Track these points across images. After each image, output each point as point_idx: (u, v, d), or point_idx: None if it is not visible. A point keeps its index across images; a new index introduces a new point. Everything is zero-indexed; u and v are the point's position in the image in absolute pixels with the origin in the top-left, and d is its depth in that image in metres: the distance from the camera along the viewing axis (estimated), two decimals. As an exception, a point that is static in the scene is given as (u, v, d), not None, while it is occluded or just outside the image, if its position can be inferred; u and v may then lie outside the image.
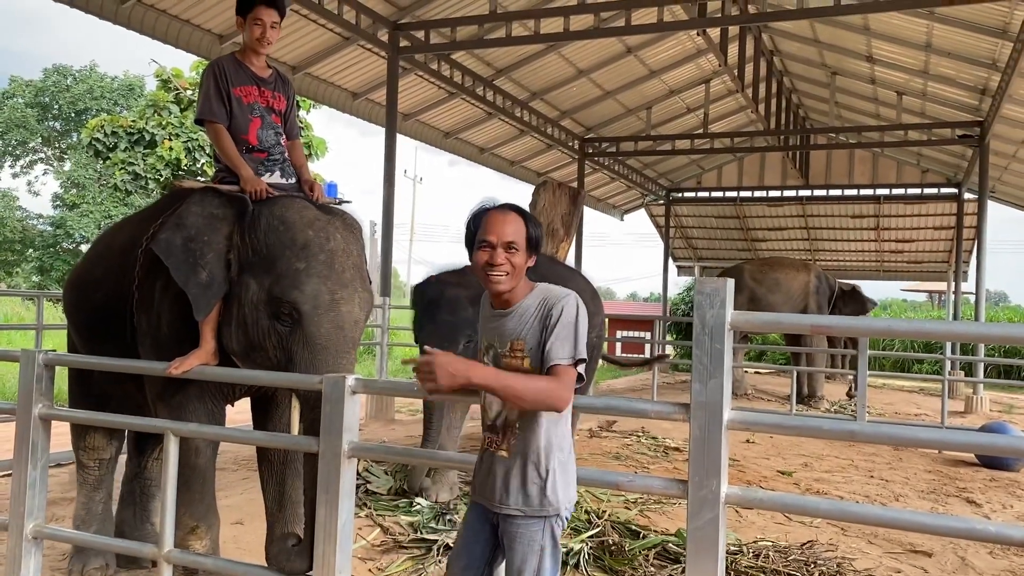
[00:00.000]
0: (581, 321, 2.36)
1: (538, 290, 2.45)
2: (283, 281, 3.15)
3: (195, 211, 3.32)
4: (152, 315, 3.43)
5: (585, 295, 5.86)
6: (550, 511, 2.34)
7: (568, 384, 2.29)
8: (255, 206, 3.33)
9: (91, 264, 3.98)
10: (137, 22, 8.24)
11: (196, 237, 3.25)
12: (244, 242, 3.27)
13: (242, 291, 3.24)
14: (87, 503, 4.00)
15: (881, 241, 20.32)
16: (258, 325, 3.21)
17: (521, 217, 2.43)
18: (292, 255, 3.17)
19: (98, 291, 3.77)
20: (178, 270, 3.20)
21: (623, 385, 15.92)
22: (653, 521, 4.99)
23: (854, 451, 8.16)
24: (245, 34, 3.66)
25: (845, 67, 13.74)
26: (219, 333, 3.32)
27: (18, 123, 31.04)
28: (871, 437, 2.64)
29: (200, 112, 3.61)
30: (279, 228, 3.23)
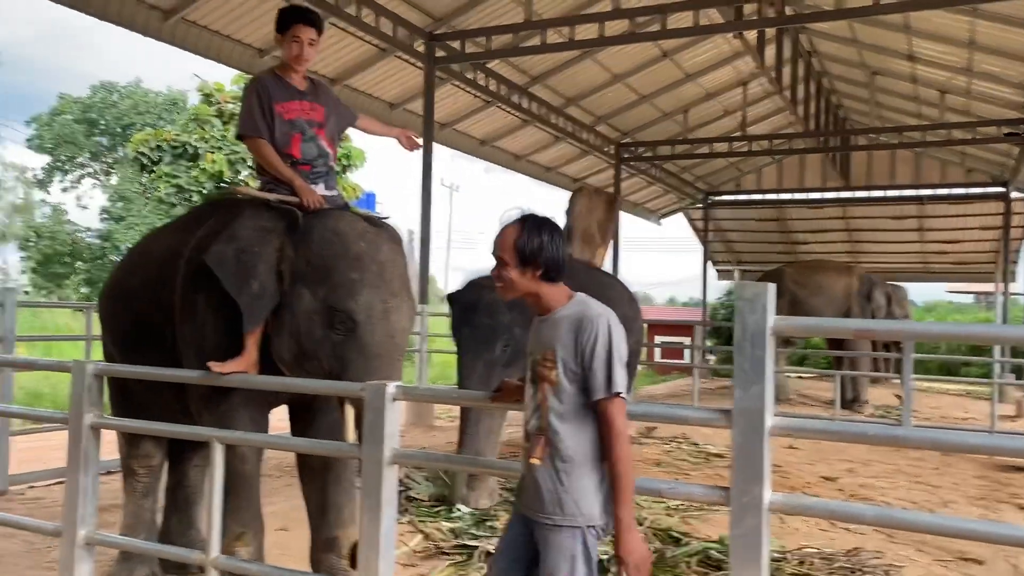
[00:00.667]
0: (616, 344, 2.34)
1: (575, 301, 2.44)
2: (338, 291, 3.23)
3: (247, 224, 3.40)
4: (196, 325, 3.48)
5: (623, 301, 5.91)
6: (581, 521, 2.33)
7: (621, 417, 2.32)
8: (307, 218, 3.40)
9: (127, 274, 4.00)
10: (180, 38, 8.41)
11: (247, 249, 3.32)
12: (297, 253, 3.34)
13: (295, 301, 3.30)
14: (136, 511, 4.05)
15: (925, 242, 19.95)
16: (312, 334, 3.28)
17: (515, 231, 2.42)
18: (346, 266, 3.26)
19: (135, 301, 3.81)
20: (230, 281, 3.27)
21: (663, 391, 15.81)
22: (695, 528, 4.95)
23: (900, 456, 8.01)
24: (284, 50, 3.75)
25: (885, 66, 13.53)
26: (266, 343, 3.37)
27: (67, 139, 31.86)
28: (917, 442, 2.60)
29: (243, 128, 3.70)
30: (333, 240, 3.32)
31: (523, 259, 2.40)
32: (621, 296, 5.99)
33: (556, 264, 2.42)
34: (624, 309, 5.82)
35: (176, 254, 3.64)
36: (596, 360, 2.32)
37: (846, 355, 12.37)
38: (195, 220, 3.81)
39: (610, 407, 2.31)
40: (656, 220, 21.48)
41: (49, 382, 12.26)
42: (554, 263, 2.41)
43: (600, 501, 2.37)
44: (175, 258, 3.63)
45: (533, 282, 2.43)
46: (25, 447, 7.31)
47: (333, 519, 3.58)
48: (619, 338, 2.36)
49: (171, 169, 20.36)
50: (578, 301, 2.44)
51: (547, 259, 2.40)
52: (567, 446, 2.35)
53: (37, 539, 4.68)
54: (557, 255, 2.42)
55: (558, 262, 2.42)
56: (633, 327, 5.93)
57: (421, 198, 9.77)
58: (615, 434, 2.31)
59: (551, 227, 2.45)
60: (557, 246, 2.43)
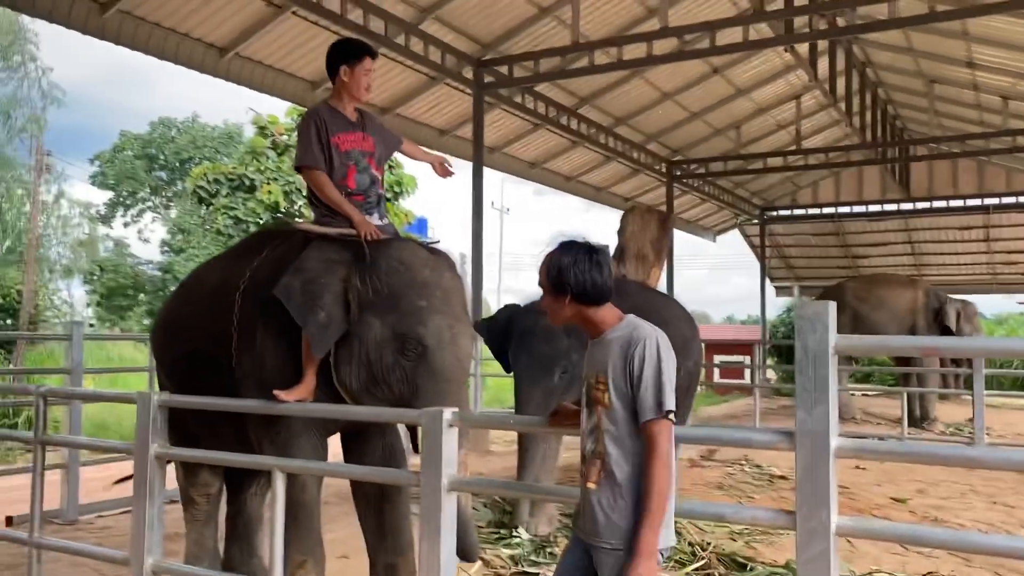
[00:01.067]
0: (665, 365, 2.31)
1: (625, 322, 2.43)
2: (408, 318, 3.32)
3: (313, 256, 3.47)
4: (254, 356, 3.53)
5: (680, 321, 5.83)
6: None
7: (665, 441, 2.28)
8: (373, 249, 3.47)
9: (180, 305, 4.09)
10: (235, 74, 8.64)
11: (314, 280, 3.39)
12: (364, 284, 3.40)
13: (364, 330, 3.36)
14: (199, 539, 4.11)
15: (992, 253, 19.35)
16: (382, 361, 3.34)
17: (547, 259, 2.46)
18: (414, 293, 3.35)
19: (188, 332, 3.88)
20: (298, 312, 3.33)
21: (723, 412, 15.54)
22: (760, 552, 4.82)
23: (974, 475, 7.72)
24: (350, 81, 3.77)
25: (944, 74, 13.22)
26: (333, 372, 3.42)
27: (129, 175, 32.92)
28: (991, 463, 2.50)
29: (301, 159, 3.75)
30: (399, 269, 3.40)
31: (554, 287, 2.44)
32: (677, 316, 5.90)
33: (585, 288, 2.41)
34: (681, 329, 5.74)
35: (230, 285, 3.70)
36: (644, 381, 2.30)
37: (913, 371, 12.02)
38: (247, 251, 3.87)
39: (655, 428, 2.29)
40: (711, 237, 21.25)
41: (114, 413, 12.56)
42: (582, 287, 2.41)
43: (667, 525, 2.33)
44: (229, 289, 3.69)
45: (571, 307, 2.45)
46: (93, 477, 7.49)
47: (391, 544, 3.60)
48: (668, 359, 2.33)
49: (228, 201, 20.87)
50: (628, 322, 2.43)
51: (575, 284, 2.41)
52: (622, 469, 2.33)
53: (106, 568, 4.76)
54: (585, 279, 2.41)
55: (588, 286, 2.41)
56: (691, 347, 5.84)
57: (472, 222, 9.83)
58: (656, 455, 2.28)
59: (579, 252, 2.44)
60: (584, 270, 2.41)
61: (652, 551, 2.26)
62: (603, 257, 2.45)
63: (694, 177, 16.28)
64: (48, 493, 4.67)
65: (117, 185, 33.35)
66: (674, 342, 5.86)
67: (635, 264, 7.32)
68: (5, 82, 27.43)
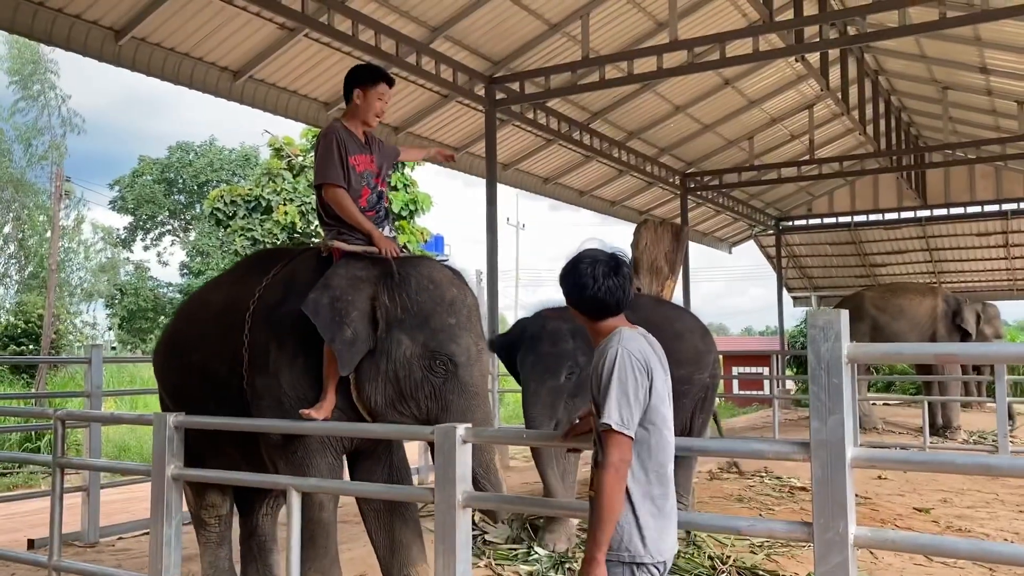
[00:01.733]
0: (616, 379, 2.32)
1: (612, 335, 2.45)
2: (439, 335, 3.39)
3: (340, 273, 3.52)
4: (268, 376, 3.55)
5: (692, 334, 5.80)
6: (626, 557, 2.31)
7: (614, 450, 2.29)
8: (400, 267, 3.53)
9: (185, 326, 4.09)
10: (249, 96, 8.72)
11: (341, 297, 3.44)
12: (393, 301, 3.46)
13: (392, 347, 3.42)
14: (214, 560, 4.12)
15: (1012, 258, 19.15)
16: (411, 378, 3.41)
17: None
18: (443, 311, 3.43)
19: (194, 353, 3.89)
20: (325, 328, 3.37)
21: (743, 424, 15.43)
22: (781, 565, 4.78)
23: (999, 485, 7.62)
24: (363, 104, 3.83)
25: (957, 80, 13.15)
26: (353, 390, 3.46)
27: (148, 199, 33.29)
28: (1011, 471, 2.46)
29: (324, 176, 3.76)
30: (429, 287, 3.47)
31: (567, 299, 2.53)
32: (691, 328, 5.86)
33: (580, 299, 2.47)
34: (694, 341, 5.70)
35: (238, 306, 3.72)
36: (601, 393, 2.34)
37: (935, 379, 11.88)
38: (251, 272, 3.90)
39: (604, 439, 2.31)
40: (727, 249, 21.17)
41: (135, 435, 12.66)
42: (576, 299, 2.48)
43: (647, 536, 2.33)
44: (238, 310, 3.71)
45: (581, 319, 2.53)
46: (115, 499, 7.53)
47: (404, 558, 3.64)
48: (623, 373, 2.33)
49: (246, 223, 21.01)
50: (612, 335, 2.44)
51: (568, 295, 2.50)
52: None
53: (126, 589, 4.78)
54: (582, 294, 2.46)
55: (585, 298, 2.46)
56: (706, 360, 5.80)
57: (487, 238, 9.84)
58: (603, 465, 2.29)
59: (579, 264, 2.48)
60: (584, 284, 2.45)
61: (594, 557, 2.27)
62: (604, 269, 2.45)
63: (708, 189, 16.24)
64: (69, 515, 4.71)
65: (136, 209, 33.73)
66: (687, 356, 5.88)
67: (649, 277, 7.29)
68: (25, 111, 27.91)
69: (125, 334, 30.03)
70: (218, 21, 7.72)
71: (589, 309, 2.48)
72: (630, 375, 2.33)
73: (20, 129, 28.21)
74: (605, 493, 2.27)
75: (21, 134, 28.26)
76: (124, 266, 32.76)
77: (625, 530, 2.32)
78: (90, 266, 30.34)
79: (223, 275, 4.36)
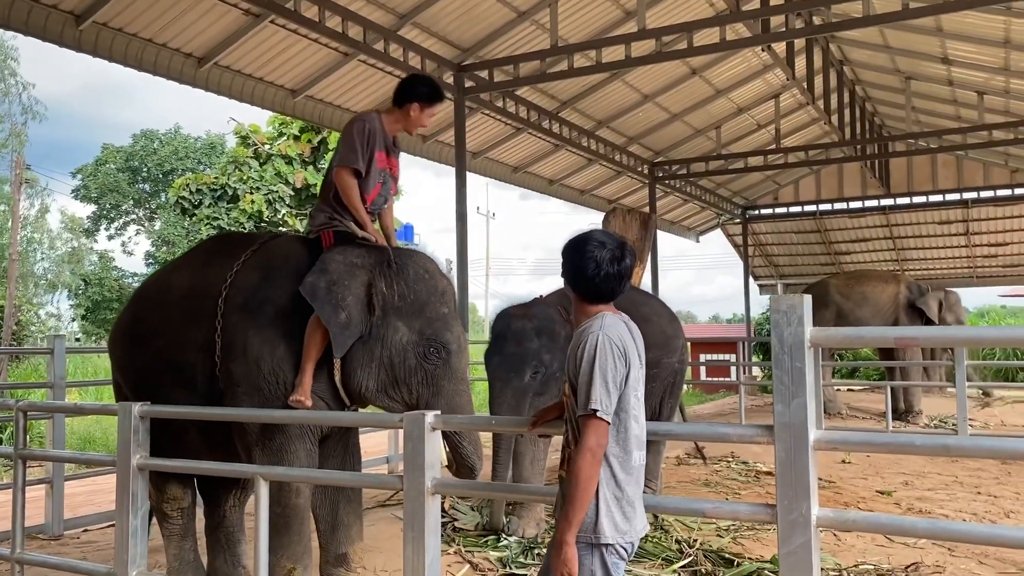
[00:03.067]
0: (598, 364, 2.35)
1: (591, 320, 2.47)
2: (435, 324, 3.54)
3: (337, 259, 3.58)
4: (246, 362, 3.54)
5: (661, 319, 5.86)
6: (593, 539, 2.34)
7: (592, 435, 2.31)
8: (398, 257, 3.64)
9: (146, 313, 3.97)
10: (215, 83, 8.60)
11: (338, 282, 3.52)
12: (391, 288, 3.56)
13: (388, 333, 3.53)
14: (178, 553, 4.08)
15: (973, 246, 19.52)
16: (405, 364, 3.52)
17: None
18: (437, 301, 3.59)
19: (157, 340, 3.82)
20: (322, 310, 3.46)
21: (710, 410, 15.59)
22: (747, 548, 4.85)
23: (958, 467, 7.79)
24: (415, 118, 3.95)
25: (920, 71, 13.34)
26: (340, 375, 3.55)
27: (111, 188, 32.73)
28: (969, 451, 2.53)
29: (347, 160, 3.81)
30: (425, 277, 3.61)
31: (563, 275, 2.56)
32: (658, 313, 5.92)
33: (578, 281, 2.50)
34: (662, 326, 5.76)
35: (207, 291, 3.69)
36: (581, 378, 2.36)
37: (897, 365, 12.09)
38: (215, 257, 3.87)
39: (583, 423, 2.33)
40: (695, 237, 21.33)
41: (100, 426, 12.50)
42: (575, 280, 2.51)
43: (615, 519, 2.37)
44: (207, 295, 3.68)
45: (571, 294, 2.57)
46: (79, 491, 7.44)
47: (343, 536, 3.78)
48: (603, 358, 2.35)
49: (212, 212, 20.78)
50: (592, 319, 2.47)
51: (573, 278, 2.52)
52: None
53: (91, 581, 4.73)
54: (579, 274, 2.48)
55: (580, 280, 2.49)
56: (674, 345, 5.86)
57: (457, 227, 9.82)
58: (580, 448, 2.32)
59: (585, 246, 2.49)
60: (584, 267, 2.46)
61: (563, 539, 2.31)
62: (609, 255, 2.47)
63: (676, 178, 16.34)
64: (32, 508, 4.65)
65: (100, 198, 33.16)
66: (655, 339, 5.93)
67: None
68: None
69: (89, 325, 29.54)
70: (182, 6, 7.60)
71: (582, 290, 2.50)
72: (609, 361, 2.35)
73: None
74: (580, 476, 2.29)
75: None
76: (88, 256, 32.23)
77: (592, 513, 2.35)
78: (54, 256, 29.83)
79: (182, 260, 4.24)
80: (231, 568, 4.15)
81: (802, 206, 19.98)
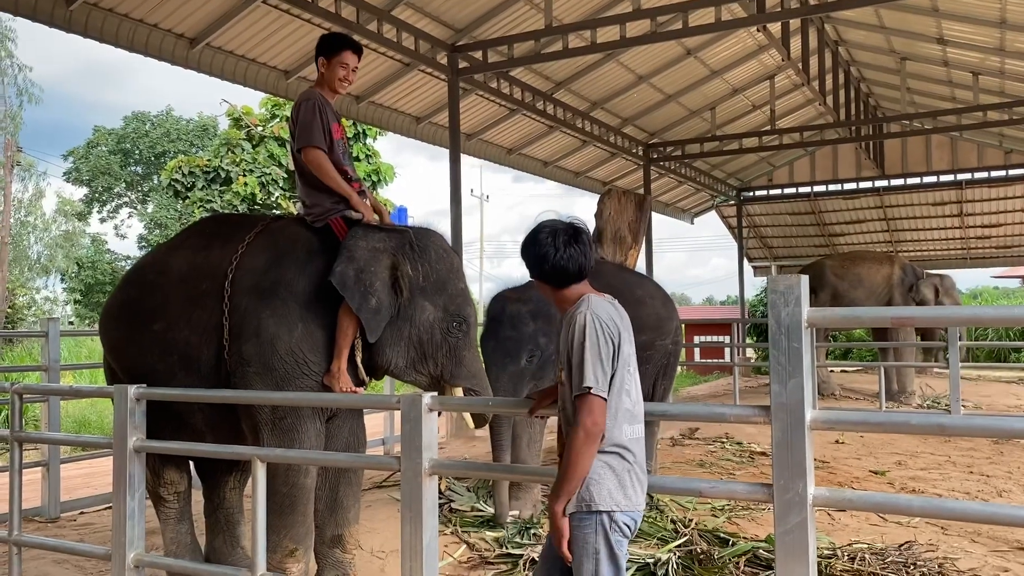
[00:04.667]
0: (589, 343, 2.37)
1: (579, 302, 2.49)
2: (457, 300, 3.71)
3: (361, 245, 3.62)
4: (259, 342, 3.53)
5: (655, 300, 5.87)
6: (593, 507, 2.36)
7: (587, 413, 2.34)
8: (417, 238, 3.71)
9: (142, 295, 3.88)
10: (207, 64, 8.54)
11: (365, 268, 3.58)
12: (416, 270, 3.66)
13: (416, 313, 3.65)
14: (175, 536, 4.07)
15: (966, 228, 19.57)
16: (432, 340, 3.66)
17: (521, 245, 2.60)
18: (455, 277, 3.75)
19: (154, 322, 3.76)
20: (353, 299, 3.52)
21: (704, 391, 15.66)
22: (742, 528, 4.88)
23: (951, 447, 7.84)
24: (327, 73, 3.90)
25: (915, 51, 13.30)
26: (366, 354, 3.64)
27: (103, 170, 32.52)
28: (963, 430, 2.54)
29: (307, 140, 3.79)
30: (444, 255, 3.74)
31: (530, 271, 2.58)
32: (652, 295, 5.93)
33: (542, 269, 2.51)
34: (656, 308, 5.77)
35: (211, 271, 3.67)
36: (574, 358, 2.39)
37: (890, 346, 12.15)
38: (216, 237, 3.84)
39: (578, 403, 2.37)
40: (689, 219, 21.33)
41: (95, 409, 12.49)
42: (538, 269, 2.52)
43: (622, 491, 2.39)
44: (211, 276, 3.66)
45: (545, 289, 2.57)
46: (75, 473, 7.44)
47: (341, 518, 3.80)
48: (593, 336, 2.38)
49: (205, 194, 20.68)
50: (580, 302, 2.48)
51: (531, 266, 2.54)
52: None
53: (89, 564, 4.75)
54: (540, 261, 2.50)
55: (546, 267, 2.50)
56: (668, 327, 5.88)
57: (451, 209, 9.80)
58: (576, 427, 2.35)
59: (539, 234, 2.51)
60: (539, 253, 2.49)
61: (552, 508, 2.38)
62: (564, 238, 2.49)
63: (670, 159, 16.31)
64: (29, 491, 4.65)
65: (92, 181, 32.95)
66: (648, 321, 5.94)
67: (613, 247, 7.33)
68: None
69: (83, 308, 29.45)
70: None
71: (552, 278, 2.52)
72: (600, 340, 2.38)
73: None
74: (575, 452, 2.33)
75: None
76: (81, 239, 32.07)
77: (593, 480, 2.38)
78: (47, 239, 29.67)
79: (177, 240, 4.13)
80: (230, 548, 4.16)
81: (796, 187, 19.99)
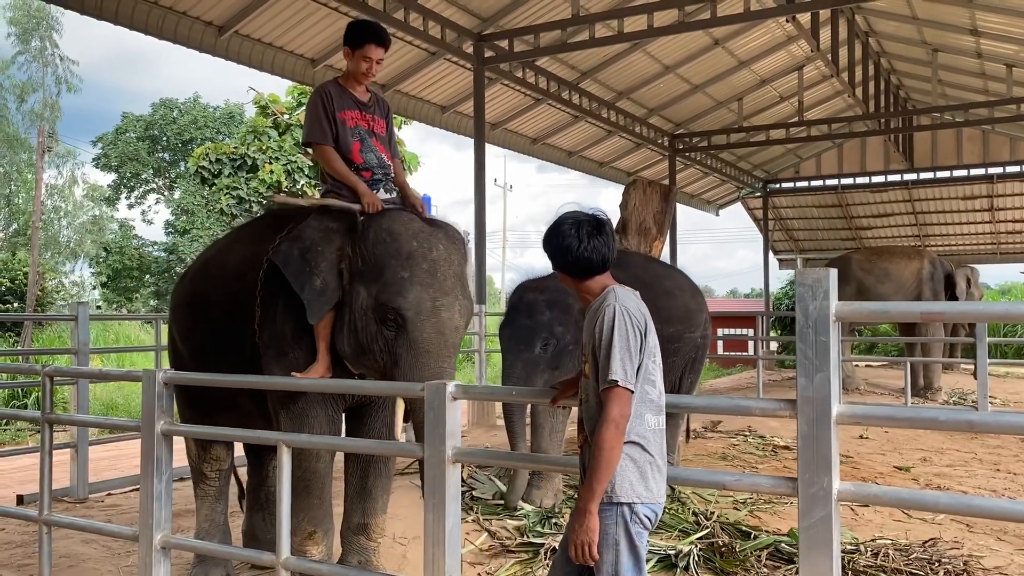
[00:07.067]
0: (618, 335, 2.35)
1: (604, 293, 2.47)
2: (389, 289, 3.35)
3: (312, 225, 3.56)
4: (276, 330, 3.61)
5: (683, 292, 5.83)
6: (614, 498, 2.35)
7: (615, 406, 2.33)
8: (365, 219, 3.53)
9: (206, 286, 4.07)
10: (235, 52, 8.60)
11: (311, 248, 3.49)
12: (355, 253, 3.48)
13: (353, 298, 3.45)
14: (210, 515, 4.17)
15: (996, 222, 19.29)
16: (367, 330, 3.42)
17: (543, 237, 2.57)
18: (397, 264, 3.38)
19: (216, 311, 3.91)
20: (295, 278, 3.44)
21: (727, 384, 15.59)
22: (764, 521, 4.86)
23: (977, 444, 7.75)
24: (351, 64, 3.88)
25: (947, 43, 13.11)
26: (333, 339, 3.52)
27: (131, 156, 32.84)
28: (992, 427, 2.50)
29: (309, 135, 3.83)
30: (386, 240, 3.44)
31: (552, 263, 2.54)
32: (681, 287, 5.88)
33: (565, 260, 2.48)
34: (684, 300, 5.73)
35: (254, 265, 3.74)
36: (601, 350, 2.36)
37: (917, 341, 12.02)
38: (264, 232, 3.90)
39: (605, 396, 2.35)
40: (714, 211, 21.20)
41: (122, 392, 12.66)
42: (562, 260, 2.49)
43: (643, 483, 2.38)
44: (253, 269, 3.73)
45: (568, 281, 2.54)
46: (102, 455, 7.55)
47: (368, 507, 3.76)
48: (621, 328, 2.36)
49: (231, 181, 20.81)
50: (605, 293, 2.47)
51: (554, 257, 2.51)
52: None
53: (116, 544, 4.82)
54: (564, 252, 2.47)
55: (569, 259, 2.48)
56: (695, 318, 5.82)
57: (474, 198, 9.81)
58: (604, 420, 2.33)
59: (562, 226, 2.50)
60: (563, 245, 2.48)
61: (586, 508, 2.33)
62: (587, 229, 2.48)
63: (696, 151, 16.22)
64: (58, 472, 4.72)
65: (120, 167, 33.27)
66: (677, 313, 5.89)
67: (638, 238, 7.30)
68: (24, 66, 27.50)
69: (110, 292, 29.80)
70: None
71: (576, 270, 2.50)
72: (630, 331, 2.37)
73: (15, 84, 27.88)
74: (605, 447, 2.31)
75: (16, 89, 27.93)
76: (109, 224, 32.44)
77: (616, 475, 2.36)
78: (76, 224, 30.06)
79: (237, 235, 4.32)
80: (269, 526, 4.23)
81: (823, 180, 19.80)
